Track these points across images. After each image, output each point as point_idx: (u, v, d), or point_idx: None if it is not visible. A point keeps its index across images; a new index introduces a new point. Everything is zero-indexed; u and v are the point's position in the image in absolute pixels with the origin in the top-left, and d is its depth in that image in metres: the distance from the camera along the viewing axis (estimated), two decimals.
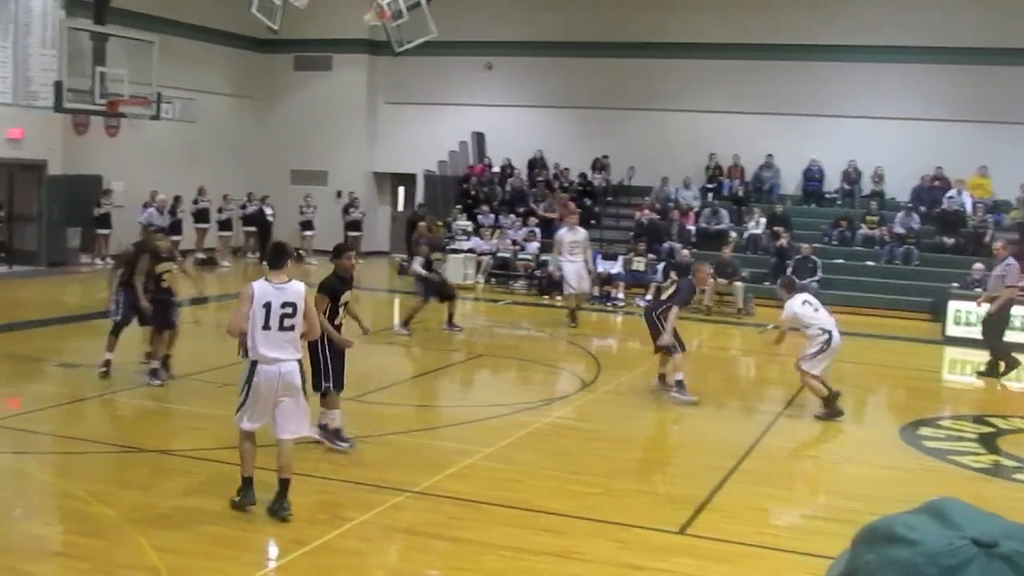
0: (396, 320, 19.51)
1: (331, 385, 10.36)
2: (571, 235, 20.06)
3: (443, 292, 18.45)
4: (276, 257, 8.88)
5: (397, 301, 24.07)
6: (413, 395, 14.24)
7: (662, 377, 14.13)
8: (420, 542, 8.30)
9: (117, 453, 10.61)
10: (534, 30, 31.02)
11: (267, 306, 8.45)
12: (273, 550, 8.25)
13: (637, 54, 29.77)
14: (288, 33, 26.23)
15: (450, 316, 18.57)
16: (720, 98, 29.18)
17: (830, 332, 12.95)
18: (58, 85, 23.66)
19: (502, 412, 12.95)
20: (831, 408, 13.05)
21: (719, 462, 10.83)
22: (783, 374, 16.12)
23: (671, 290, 14.21)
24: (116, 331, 14.01)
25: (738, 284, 22.94)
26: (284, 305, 8.49)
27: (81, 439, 11.08)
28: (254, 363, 8.49)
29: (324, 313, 10.06)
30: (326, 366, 10.26)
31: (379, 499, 9.08)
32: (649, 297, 18.06)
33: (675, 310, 13.65)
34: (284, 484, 8.51)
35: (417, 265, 18.38)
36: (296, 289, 8.61)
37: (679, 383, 13.58)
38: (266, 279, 8.67)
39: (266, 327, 8.43)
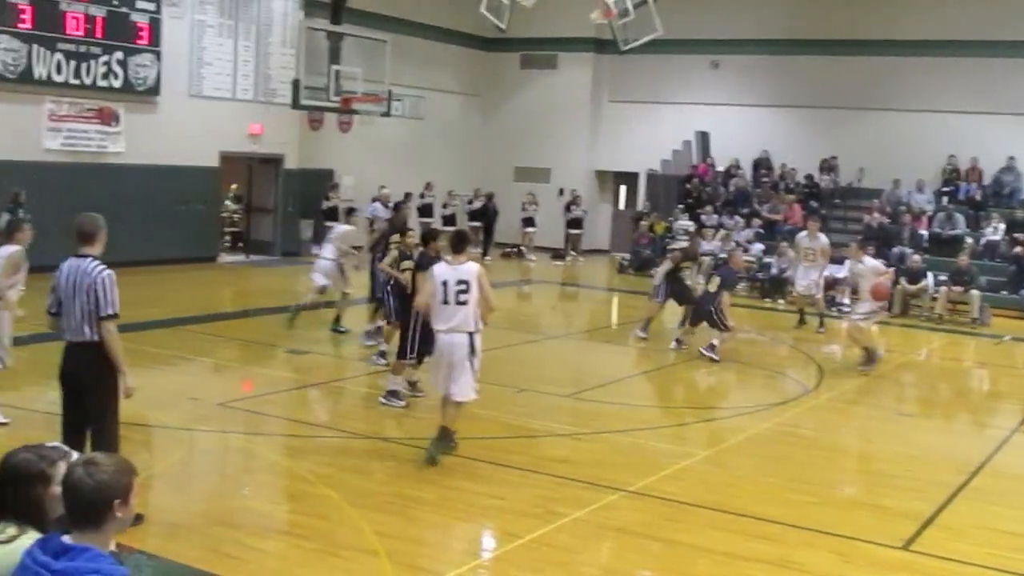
0: (614, 319, 19.45)
1: (414, 357, 11.76)
2: (808, 241, 19.67)
3: (681, 297, 18.18)
4: (457, 243, 10.00)
5: (616, 300, 24.06)
6: (630, 394, 14.16)
7: (711, 346, 16.08)
8: (632, 542, 8.25)
9: (341, 438, 10.95)
10: (761, 28, 30.47)
11: (444, 283, 9.63)
12: (487, 541, 8.35)
13: (869, 52, 28.89)
14: (515, 32, 26.53)
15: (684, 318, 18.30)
16: (958, 98, 27.97)
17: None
18: (296, 83, 24.62)
19: (720, 415, 12.76)
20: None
21: (947, 478, 10.38)
22: (1021, 388, 15.35)
23: (718, 282, 16.12)
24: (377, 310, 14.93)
25: (974, 292, 21.94)
26: (459, 283, 9.62)
27: (308, 423, 11.48)
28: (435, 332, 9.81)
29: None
30: (413, 340, 11.59)
31: (593, 496, 9.08)
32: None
33: (725, 296, 15.93)
34: (442, 430, 9.82)
35: (661, 270, 18.12)
36: (470, 269, 9.72)
37: (712, 346, 15.78)
38: (446, 261, 9.90)
39: (444, 302, 9.63)
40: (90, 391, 7.51)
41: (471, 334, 9.69)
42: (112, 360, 7.50)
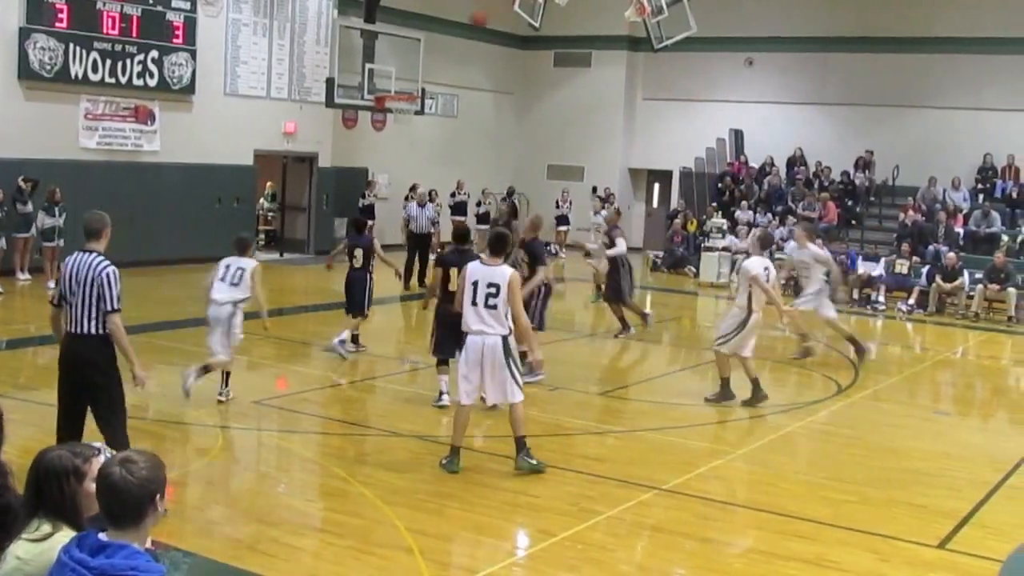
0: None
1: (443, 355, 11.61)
2: (797, 253, 16.48)
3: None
4: (496, 244, 9.47)
5: (649, 298, 23.99)
6: (663, 392, 14.11)
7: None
8: (668, 540, 8.22)
9: (376, 436, 10.97)
10: (796, 25, 30.33)
11: (475, 284, 9.20)
12: (522, 539, 8.34)
13: (904, 49, 28.67)
14: (548, 30, 26.51)
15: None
16: (995, 95, 27.74)
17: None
18: (330, 82, 24.72)
19: (754, 413, 12.70)
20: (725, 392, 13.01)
21: (984, 476, 10.30)
22: None
23: None
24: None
25: (1011, 290, 21.73)
26: (490, 285, 9.14)
27: (342, 421, 11.51)
28: (464, 335, 9.34)
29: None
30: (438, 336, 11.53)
31: (628, 495, 9.06)
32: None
33: None
34: (518, 441, 9.41)
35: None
36: (503, 272, 9.20)
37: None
38: (481, 260, 9.45)
39: (473, 303, 9.19)
40: (98, 385, 7.68)
41: (504, 336, 9.21)
42: (121, 352, 7.69)
